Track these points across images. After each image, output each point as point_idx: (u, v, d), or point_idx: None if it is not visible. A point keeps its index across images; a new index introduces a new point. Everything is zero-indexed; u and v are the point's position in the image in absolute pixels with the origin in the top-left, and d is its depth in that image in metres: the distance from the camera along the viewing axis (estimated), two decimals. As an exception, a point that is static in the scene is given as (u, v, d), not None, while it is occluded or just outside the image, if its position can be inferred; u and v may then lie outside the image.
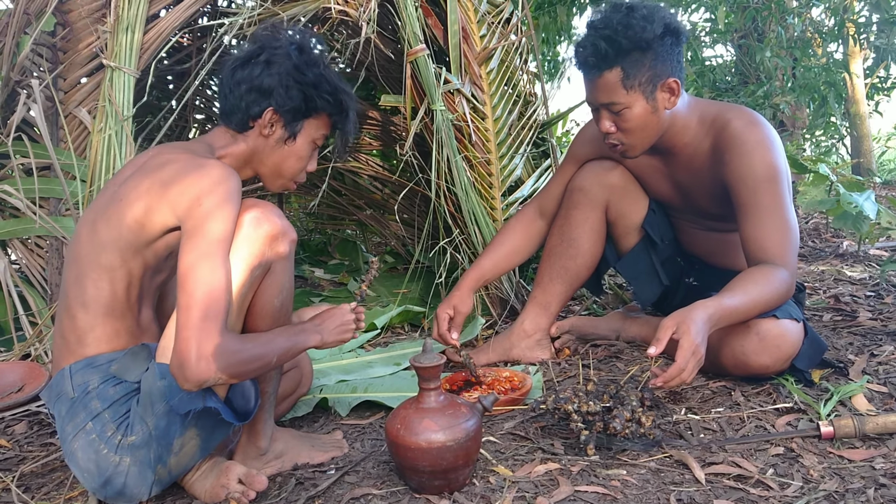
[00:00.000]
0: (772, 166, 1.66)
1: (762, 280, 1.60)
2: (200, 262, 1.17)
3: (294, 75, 1.40)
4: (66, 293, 1.32)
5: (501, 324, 2.40)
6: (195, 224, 1.21)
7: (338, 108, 1.47)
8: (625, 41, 1.64)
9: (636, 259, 2.07)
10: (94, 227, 1.29)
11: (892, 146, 8.70)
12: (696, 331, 1.46)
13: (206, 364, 1.14)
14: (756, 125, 1.70)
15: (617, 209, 2.03)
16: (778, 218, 1.64)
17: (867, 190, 2.82)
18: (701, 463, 1.38)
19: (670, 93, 1.71)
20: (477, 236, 2.42)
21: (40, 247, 2.26)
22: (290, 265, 1.35)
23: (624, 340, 2.15)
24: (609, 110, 1.72)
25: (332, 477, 1.42)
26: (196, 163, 1.27)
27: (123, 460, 1.25)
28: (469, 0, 2.60)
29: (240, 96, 1.41)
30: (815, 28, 4.75)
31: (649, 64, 1.66)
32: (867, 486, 1.26)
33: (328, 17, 2.33)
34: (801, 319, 1.70)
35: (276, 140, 1.45)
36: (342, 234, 3.67)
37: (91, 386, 1.27)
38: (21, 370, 2.04)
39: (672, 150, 1.83)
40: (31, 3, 2.23)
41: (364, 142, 3.35)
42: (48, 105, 2.23)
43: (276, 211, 1.30)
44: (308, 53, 1.43)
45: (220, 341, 1.16)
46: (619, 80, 1.67)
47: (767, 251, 1.64)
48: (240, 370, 1.20)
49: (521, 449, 1.50)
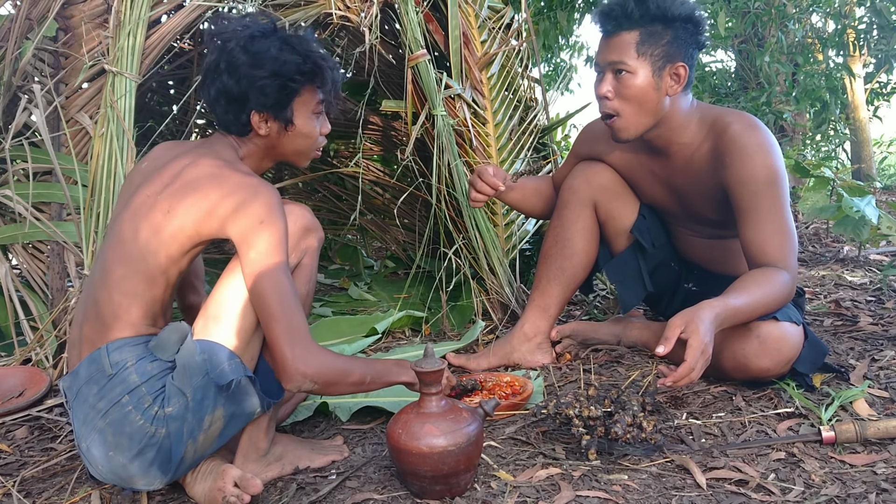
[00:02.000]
0: (773, 170, 1.67)
1: (764, 282, 1.61)
2: (274, 275, 1.30)
3: (257, 73, 1.40)
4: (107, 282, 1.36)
5: (502, 328, 2.40)
6: (256, 238, 1.31)
7: (312, 75, 1.47)
8: (654, 7, 1.66)
9: (623, 263, 2.07)
10: (138, 234, 1.35)
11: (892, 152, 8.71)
12: (705, 330, 1.47)
13: (305, 366, 1.29)
14: (756, 129, 1.70)
15: (606, 210, 2.03)
16: (779, 221, 1.65)
17: (868, 195, 2.82)
18: (702, 468, 1.38)
19: (676, 79, 1.72)
20: (478, 241, 2.42)
21: (41, 251, 2.26)
22: (316, 259, 1.50)
23: (625, 345, 2.14)
24: (614, 71, 1.72)
25: (334, 482, 1.41)
26: (243, 181, 1.35)
27: (159, 431, 1.29)
28: (470, 5, 2.60)
29: (224, 110, 1.45)
30: (815, 34, 4.76)
31: (667, 40, 1.69)
32: (869, 490, 1.26)
33: (329, 23, 2.34)
34: (800, 323, 1.70)
35: (276, 132, 1.49)
36: (343, 239, 3.67)
37: (129, 363, 1.32)
38: (22, 375, 2.04)
39: (669, 148, 1.83)
40: (34, 8, 2.23)
41: (365, 147, 3.36)
42: (50, 110, 2.23)
43: (307, 209, 1.48)
44: (257, 41, 1.42)
45: (313, 349, 1.31)
46: (634, 43, 1.69)
47: (769, 254, 1.65)
48: (334, 379, 1.35)
49: (523, 454, 1.50)
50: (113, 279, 1.35)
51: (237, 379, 1.29)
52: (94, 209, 2.13)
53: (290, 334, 1.28)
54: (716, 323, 1.51)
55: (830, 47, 4.89)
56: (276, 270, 1.30)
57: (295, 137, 1.50)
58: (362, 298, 3.04)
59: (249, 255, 1.31)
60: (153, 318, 1.39)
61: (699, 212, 1.90)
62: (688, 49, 1.72)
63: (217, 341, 1.30)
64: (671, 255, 2.10)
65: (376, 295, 3.04)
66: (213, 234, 1.34)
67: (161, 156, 1.49)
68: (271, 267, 1.30)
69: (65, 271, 2.22)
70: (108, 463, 1.31)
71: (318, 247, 1.49)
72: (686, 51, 1.71)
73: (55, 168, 2.19)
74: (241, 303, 1.32)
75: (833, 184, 3.08)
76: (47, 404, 1.95)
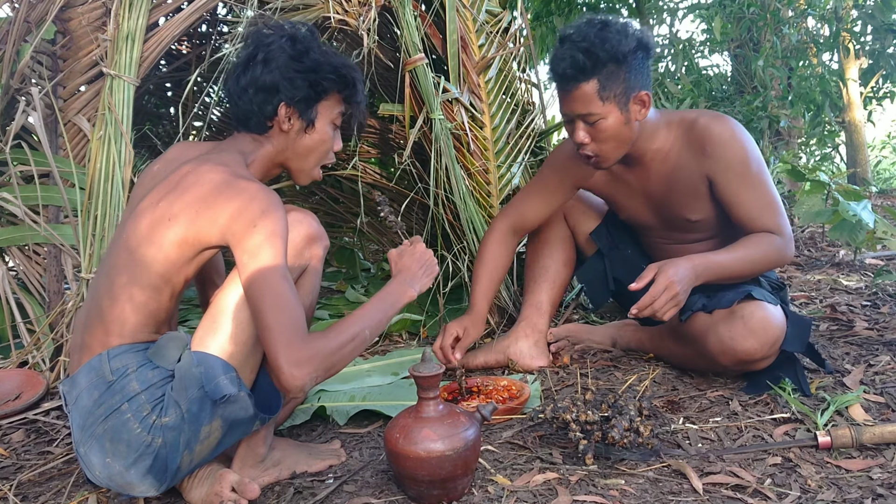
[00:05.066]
0: (750, 150, 1.78)
1: (751, 243, 1.75)
2: (267, 278, 1.25)
3: (293, 66, 1.44)
4: (111, 288, 1.35)
5: (499, 332, 2.40)
6: (249, 241, 1.27)
7: (344, 84, 1.51)
8: (602, 53, 1.70)
9: (590, 266, 2.21)
10: (140, 241, 1.34)
11: (886, 155, 8.74)
12: (675, 272, 1.65)
13: (299, 371, 1.22)
14: (723, 119, 1.82)
15: (573, 222, 2.21)
16: (767, 196, 1.78)
17: (864, 199, 2.83)
18: (699, 472, 1.38)
19: (641, 105, 1.78)
20: (475, 244, 2.43)
21: (38, 254, 2.25)
22: (321, 268, 1.48)
23: (620, 348, 2.16)
24: (584, 121, 1.78)
25: (331, 486, 1.42)
26: (241, 186, 1.32)
27: (156, 440, 1.28)
28: (468, 10, 2.61)
29: (249, 100, 1.45)
30: (810, 37, 4.78)
31: (624, 76, 1.73)
32: (864, 496, 1.27)
33: (328, 27, 2.35)
34: (776, 303, 1.76)
35: (296, 132, 1.49)
36: (340, 242, 3.67)
37: (130, 369, 1.31)
38: (19, 378, 2.04)
39: (643, 157, 1.89)
40: (32, 11, 2.23)
41: (362, 150, 3.36)
42: (48, 113, 2.23)
43: (313, 217, 1.46)
44: (300, 41, 1.47)
45: (305, 348, 1.24)
46: (595, 92, 1.73)
47: (764, 226, 1.76)
48: (332, 361, 1.28)
49: (520, 458, 1.50)
50: (117, 286, 1.35)
51: (231, 395, 1.27)
52: (91, 212, 2.13)
53: (282, 343, 1.22)
54: (693, 272, 1.67)
55: (825, 51, 4.91)
56: (269, 275, 1.25)
57: (311, 143, 1.50)
58: (359, 301, 3.04)
59: (243, 259, 1.27)
60: (157, 325, 1.38)
61: (678, 214, 1.94)
62: (644, 74, 1.77)
63: (215, 353, 1.29)
64: (640, 256, 2.16)
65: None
66: (214, 241, 1.32)
67: (174, 158, 1.49)
68: (265, 271, 1.25)
69: (62, 274, 2.22)
70: (105, 469, 1.30)
71: (324, 255, 1.48)
72: (643, 77, 1.77)
73: (53, 171, 2.19)
74: (240, 313, 1.30)
75: (829, 188, 3.10)
76: (44, 407, 1.95)
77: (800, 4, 4.68)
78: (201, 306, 1.76)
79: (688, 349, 1.88)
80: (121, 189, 2.13)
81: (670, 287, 1.63)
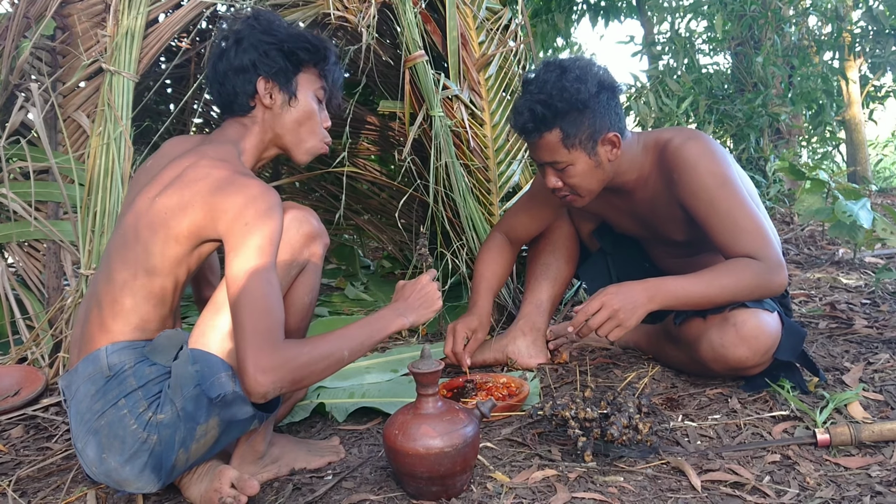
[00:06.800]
0: (718, 174, 1.70)
1: (723, 268, 1.66)
2: (249, 279, 1.22)
3: (265, 38, 1.46)
4: (112, 283, 1.35)
5: (499, 330, 2.40)
6: (239, 241, 1.26)
7: (318, 55, 1.51)
8: (561, 104, 1.67)
9: (593, 264, 2.22)
10: (139, 236, 1.34)
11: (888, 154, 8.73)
12: (615, 292, 1.62)
13: (264, 377, 1.19)
14: (694, 139, 1.74)
15: (576, 219, 2.19)
16: (743, 219, 1.66)
17: (863, 198, 2.83)
18: (697, 470, 1.38)
19: (611, 146, 1.75)
20: (474, 242, 2.43)
21: (37, 250, 2.26)
22: (320, 267, 1.47)
23: (619, 346, 2.16)
24: (554, 168, 1.76)
25: (330, 482, 1.42)
26: (237, 181, 1.31)
27: (151, 437, 1.27)
28: (468, 7, 2.61)
29: (231, 84, 1.46)
30: (811, 37, 4.78)
31: (588, 122, 1.70)
32: (863, 493, 1.27)
33: (328, 23, 2.34)
34: (774, 310, 1.70)
35: (280, 106, 1.49)
36: (340, 239, 3.67)
37: (127, 365, 1.31)
38: (18, 374, 2.04)
39: (625, 187, 1.87)
40: (32, 6, 2.23)
41: (362, 147, 3.36)
42: (47, 109, 2.23)
43: (314, 215, 1.43)
44: (266, 17, 1.49)
45: (274, 354, 1.20)
46: (559, 141, 1.71)
47: (742, 251, 1.66)
48: (301, 374, 1.24)
49: (519, 455, 1.50)
50: (118, 281, 1.34)
51: (226, 393, 1.26)
52: (90, 208, 2.13)
53: (252, 345, 1.19)
54: (645, 295, 1.62)
55: (826, 50, 4.91)
56: (252, 275, 1.23)
57: (297, 115, 1.50)
58: (359, 298, 3.04)
59: (231, 256, 1.26)
60: (160, 320, 1.37)
61: (668, 236, 1.94)
62: (611, 115, 1.73)
63: (212, 351, 1.28)
64: (640, 255, 2.16)
65: (372, 295, 3.05)
66: (212, 235, 1.32)
67: (167, 153, 1.49)
68: (249, 271, 1.23)
69: (61, 270, 2.22)
70: (101, 464, 1.30)
71: (324, 253, 1.47)
72: (610, 118, 1.73)
73: (52, 167, 2.19)
74: None
75: (829, 186, 3.10)
76: (43, 403, 1.95)
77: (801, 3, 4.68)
78: (196, 304, 1.76)
79: (682, 353, 1.86)
80: (120, 185, 2.13)
81: (605, 307, 1.60)
